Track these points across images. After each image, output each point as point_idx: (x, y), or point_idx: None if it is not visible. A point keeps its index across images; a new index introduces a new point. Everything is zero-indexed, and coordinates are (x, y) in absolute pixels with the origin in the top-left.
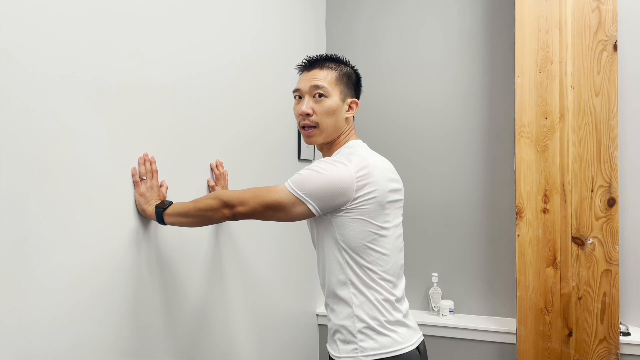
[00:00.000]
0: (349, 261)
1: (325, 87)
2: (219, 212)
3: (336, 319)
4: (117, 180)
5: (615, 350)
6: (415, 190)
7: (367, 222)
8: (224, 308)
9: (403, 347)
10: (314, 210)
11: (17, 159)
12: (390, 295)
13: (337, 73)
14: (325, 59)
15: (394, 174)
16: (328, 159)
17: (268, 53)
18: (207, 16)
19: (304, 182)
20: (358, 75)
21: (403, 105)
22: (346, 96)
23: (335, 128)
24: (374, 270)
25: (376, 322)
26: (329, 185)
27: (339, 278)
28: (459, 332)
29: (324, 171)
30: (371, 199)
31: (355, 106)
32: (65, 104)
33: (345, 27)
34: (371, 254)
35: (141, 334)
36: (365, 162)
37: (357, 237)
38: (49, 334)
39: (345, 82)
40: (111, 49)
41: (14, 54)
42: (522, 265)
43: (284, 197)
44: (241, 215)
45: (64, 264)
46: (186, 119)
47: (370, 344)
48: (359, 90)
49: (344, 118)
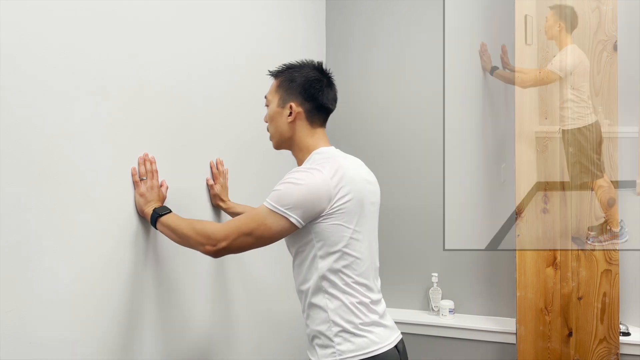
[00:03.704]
0: (324, 267)
1: (267, 97)
2: (202, 248)
3: (313, 324)
4: (117, 181)
5: (615, 350)
6: (415, 190)
7: (343, 226)
8: (224, 308)
9: (380, 347)
10: (296, 223)
11: (17, 159)
12: (365, 298)
13: (279, 80)
14: (280, 70)
15: (369, 176)
16: (301, 167)
17: (268, 54)
18: (207, 17)
19: (282, 197)
20: (308, 78)
21: (403, 105)
22: (285, 102)
23: (279, 134)
24: (349, 274)
25: (352, 325)
26: (307, 194)
27: (313, 285)
28: (459, 332)
29: (299, 181)
30: (347, 202)
31: (296, 107)
32: (65, 104)
33: (345, 27)
34: (346, 259)
35: (141, 334)
36: (338, 165)
37: (333, 242)
38: (49, 334)
39: (286, 87)
40: (112, 50)
41: (14, 56)
42: (522, 265)
43: (267, 217)
44: (226, 251)
45: (64, 264)
46: (186, 119)
47: (348, 346)
48: (310, 92)
49: (287, 123)
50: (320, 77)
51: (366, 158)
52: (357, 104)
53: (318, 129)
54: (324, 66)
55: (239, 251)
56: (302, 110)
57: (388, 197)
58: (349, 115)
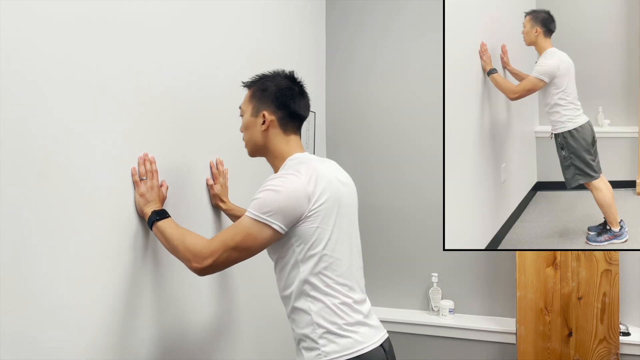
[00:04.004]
0: (305, 271)
1: (241, 107)
2: (188, 264)
3: (297, 328)
4: (117, 181)
5: (615, 350)
6: (416, 190)
7: (321, 228)
8: (223, 309)
9: (365, 347)
10: (279, 229)
11: (17, 159)
12: (348, 298)
13: (252, 90)
14: (253, 80)
15: (344, 178)
16: (277, 174)
17: (268, 54)
18: (207, 18)
19: (264, 205)
20: (280, 87)
21: (403, 104)
22: (258, 111)
23: (253, 142)
24: (329, 276)
25: (335, 326)
26: (287, 199)
27: (296, 289)
28: (459, 332)
29: (278, 187)
30: (324, 204)
31: (268, 115)
32: (65, 104)
33: (345, 27)
34: (326, 260)
35: (141, 334)
36: (313, 168)
37: (313, 245)
38: (49, 334)
39: (258, 96)
40: (111, 49)
41: (14, 56)
42: (522, 265)
43: (251, 227)
44: (212, 269)
45: (64, 264)
46: (186, 119)
47: (332, 347)
48: (282, 100)
49: (260, 131)
50: (292, 86)
51: (366, 158)
52: (357, 104)
53: (292, 136)
54: (295, 75)
55: (224, 267)
56: (275, 118)
57: (388, 197)
58: (349, 115)
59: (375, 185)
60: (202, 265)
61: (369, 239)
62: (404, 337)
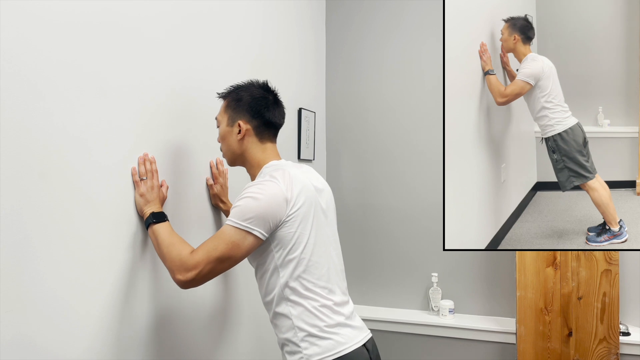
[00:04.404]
0: (285, 276)
1: (217, 118)
2: (172, 275)
3: (280, 333)
4: (117, 181)
5: (615, 350)
6: (416, 190)
7: (299, 232)
8: (223, 309)
9: (347, 347)
10: (260, 236)
11: (16, 159)
12: (328, 300)
13: (227, 100)
14: (228, 91)
15: (319, 182)
16: (255, 182)
17: (268, 53)
18: (207, 19)
19: (244, 212)
20: (254, 96)
21: (403, 104)
22: (234, 120)
23: (231, 152)
24: (308, 279)
25: (316, 329)
26: (267, 206)
27: (277, 295)
28: (459, 332)
29: (256, 194)
30: (301, 208)
31: (244, 125)
32: (65, 104)
33: (345, 27)
34: (305, 264)
35: (140, 334)
36: (288, 174)
37: (292, 249)
38: (49, 334)
39: (233, 106)
40: (111, 49)
41: (15, 56)
42: (522, 265)
43: (233, 235)
44: (194, 282)
45: (64, 264)
46: (186, 119)
47: (314, 349)
48: (256, 109)
49: (237, 140)
50: (266, 95)
51: (366, 158)
52: (357, 104)
53: (268, 144)
54: (269, 85)
55: (207, 279)
56: (250, 127)
57: (388, 197)
58: (349, 116)
59: (375, 185)
60: (184, 278)
61: (369, 239)
62: (404, 337)
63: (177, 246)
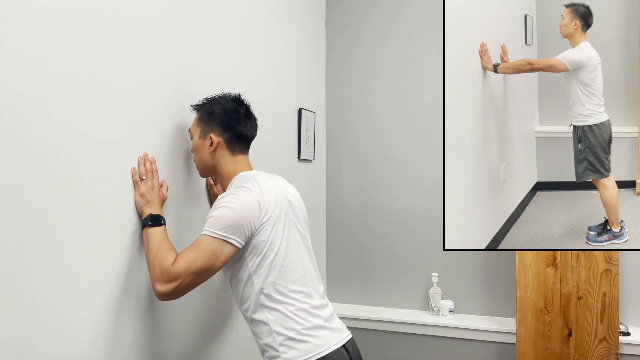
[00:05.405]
0: (259, 283)
1: (190, 130)
2: (153, 285)
3: (259, 339)
4: (117, 181)
5: (615, 350)
6: (415, 190)
7: (271, 239)
8: (224, 309)
9: (325, 349)
10: (237, 244)
11: (16, 159)
12: (304, 304)
13: (200, 113)
14: (201, 104)
15: (289, 189)
16: (227, 192)
17: (268, 54)
18: (208, 20)
19: (220, 222)
20: (225, 110)
21: (403, 105)
22: (206, 133)
23: (203, 163)
24: (282, 284)
25: (294, 332)
26: (242, 214)
27: (253, 302)
28: (458, 332)
29: (230, 204)
30: (272, 215)
31: (215, 137)
32: (65, 104)
33: (345, 27)
34: (278, 269)
35: (139, 334)
36: (258, 183)
37: (265, 256)
38: (49, 334)
39: (205, 119)
40: (112, 48)
41: (15, 57)
42: (522, 265)
43: (210, 244)
44: (174, 294)
45: (63, 264)
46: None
47: (293, 353)
48: (227, 122)
49: (209, 153)
50: (238, 108)
51: (366, 158)
52: (358, 104)
53: (239, 156)
54: (241, 97)
55: (186, 292)
56: (222, 139)
57: (388, 197)
58: (349, 116)
59: (375, 185)
60: (164, 290)
61: (369, 239)
62: (404, 337)
63: (162, 254)
